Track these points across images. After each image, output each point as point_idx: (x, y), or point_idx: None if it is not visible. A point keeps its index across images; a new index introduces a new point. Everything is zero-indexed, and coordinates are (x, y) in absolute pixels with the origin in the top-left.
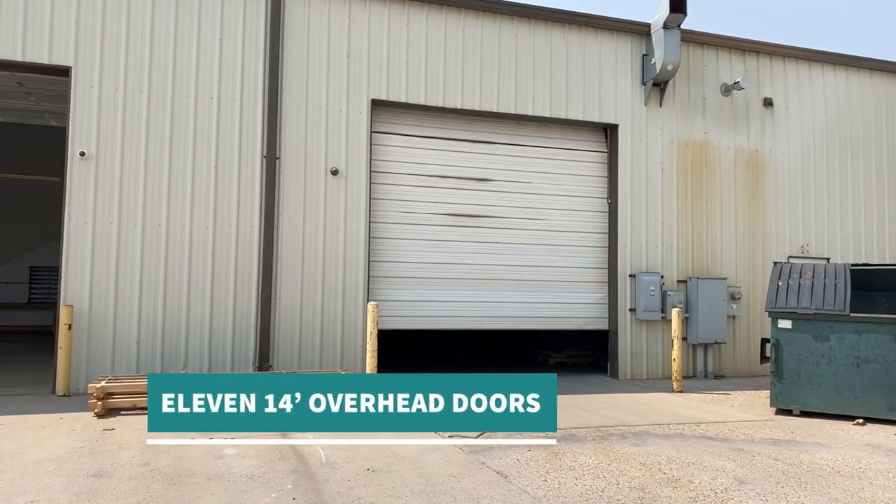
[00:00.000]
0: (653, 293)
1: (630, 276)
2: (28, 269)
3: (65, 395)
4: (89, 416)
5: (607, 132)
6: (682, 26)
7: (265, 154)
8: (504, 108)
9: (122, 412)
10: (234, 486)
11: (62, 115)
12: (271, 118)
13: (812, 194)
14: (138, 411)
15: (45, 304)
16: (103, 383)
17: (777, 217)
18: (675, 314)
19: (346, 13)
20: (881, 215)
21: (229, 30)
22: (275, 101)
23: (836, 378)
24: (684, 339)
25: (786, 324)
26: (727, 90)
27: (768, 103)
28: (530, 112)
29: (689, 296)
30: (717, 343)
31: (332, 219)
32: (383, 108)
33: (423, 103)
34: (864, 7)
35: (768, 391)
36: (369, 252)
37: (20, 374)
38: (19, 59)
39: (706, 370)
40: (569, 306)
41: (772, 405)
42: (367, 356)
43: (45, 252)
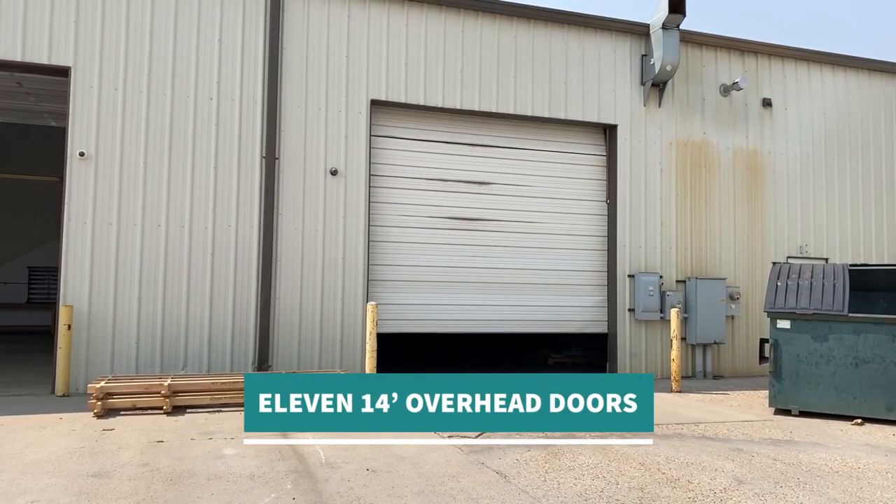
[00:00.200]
0: (652, 293)
1: (629, 276)
2: (27, 269)
3: (64, 396)
4: (89, 417)
5: (606, 133)
6: (681, 27)
7: (264, 154)
8: (503, 109)
9: (122, 412)
10: (234, 486)
11: (61, 115)
12: (271, 118)
13: (811, 195)
14: (138, 411)
15: (44, 305)
16: (103, 383)
17: (776, 217)
18: (673, 314)
19: (345, 13)
20: (879, 216)
21: (229, 30)
22: (274, 101)
23: (834, 378)
24: (683, 339)
25: (784, 324)
26: (726, 91)
27: (767, 104)
28: (529, 112)
29: (688, 296)
30: (715, 343)
31: (332, 219)
32: (383, 110)
33: (423, 104)
34: (864, 7)
35: (767, 391)
36: (369, 252)
37: (19, 374)
38: (19, 59)
39: (705, 370)
40: (568, 309)
41: (770, 405)
42: (367, 356)
43: (45, 252)
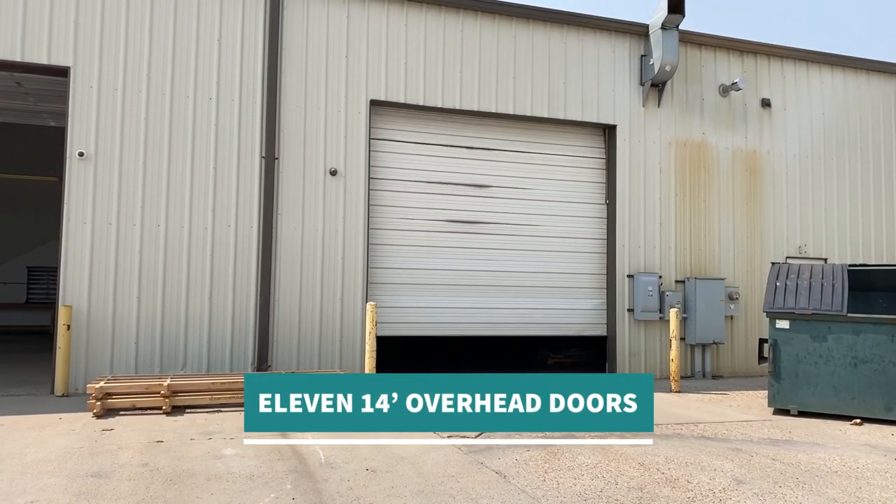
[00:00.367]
0: (651, 293)
1: (628, 276)
2: (26, 269)
3: (63, 396)
4: (88, 417)
5: (606, 133)
6: (680, 27)
7: (264, 154)
8: (503, 109)
9: (122, 412)
10: (234, 486)
11: (61, 115)
12: (270, 118)
13: (810, 195)
14: (137, 411)
15: (43, 305)
16: (102, 384)
17: (775, 217)
18: (673, 314)
19: (344, 13)
20: (878, 216)
21: (228, 30)
22: (273, 101)
23: (833, 378)
24: (682, 339)
25: (783, 324)
26: (725, 91)
27: (766, 104)
28: (529, 112)
29: (688, 296)
30: (714, 343)
31: (331, 219)
32: (382, 112)
33: (422, 104)
34: (866, 7)
35: (766, 391)
36: (368, 252)
37: (19, 374)
38: (18, 59)
39: (704, 370)
40: (568, 312)
41: (769, 405)
42: (367, 356)
43: (43, 252)
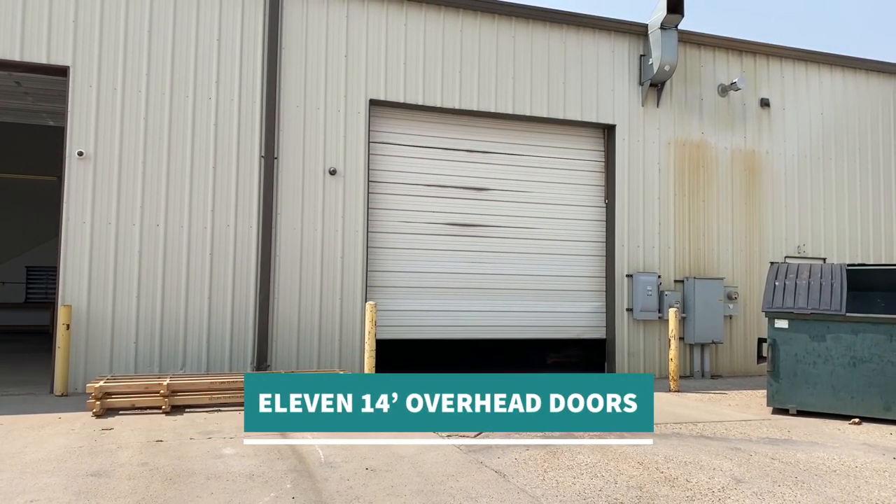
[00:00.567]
0: (650, 293)
1: (627, 276)
2: (25, 268)
3: (63, 395)
4: (88, 416)
5: (605, 133)
6: (679, 27)
7: (263, 154)
8: (502, 109)
9: (121, 412)
10: (234, 485)
11: (60, 114)
12: (269, 118)
13: (808, 195)
14: (137, 411)
15: (42, 304)
16: (102, 383)
17: (773, 217)
18: (672, 314)
19: (343, 13)
20: (877, 215)
21: (227, 30)
22: (273, 101)
23: (832, 378)
24: (681, 338)
25: (782, 324)
26: (724, 91)
27: (765, 104)
28: (528, 112)
29: (686, 296)
30: (713, 343)
31: (331, 218)
32: (382, 114)
33: (421, 103)
34: (866, 7)
35: (765, 391)
36: (367, 252)
37: (18, 373)
38: (17, 58)
39: (703, 370)
40: (567, 315)
41: (768, 405)
42: (366, 356)
43: (42, 252)
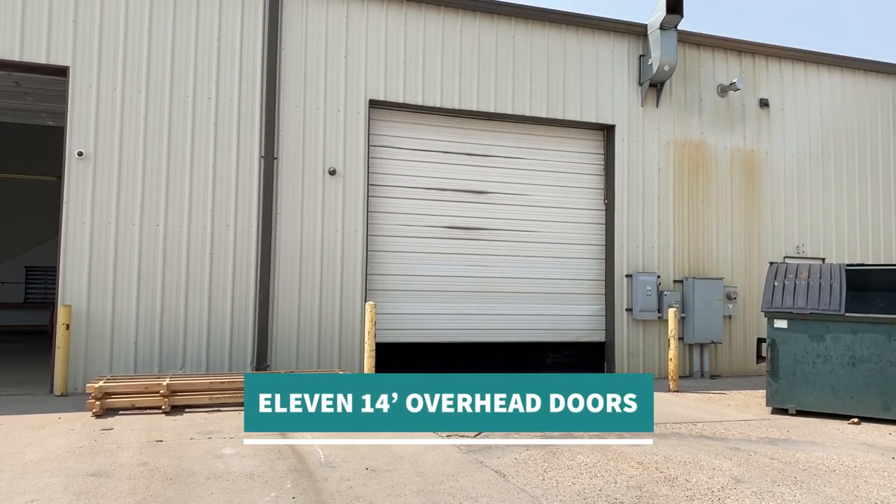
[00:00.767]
0: (649, 293)
1: (627, 276)
2: (24, 268)
3: (63, 395)
4: (87, 416)
5: (604, 134)
6: (678, 27)
7: (263, 154)
8: (501, 109)
9: (121, 412)
10: (234, 485)
11: (59, 114)
12: (269, 118)
13: (807, 195)
14: (137, 411)
15: (42, 304)
16: (101, 383)
17: (773, 217)
18: (671, 314)
19: (343, 13)
20: (876, 216)
21: (227, 30)
22: (273, 101)
23: (831, 377)
24: (681, 338)
25: (782, 324)
26: (723, 91)
27: (764, 104)
28: (527, 112)
29: (686, 296)
30: (713, 343)
31: (330, 218)
32: (381, 117)
33: (421, 103)
34: (865, 7)
35: (764, 391)
36: (367, 252)
37: (17, 373)
38: (17, 58)
39: (702, 370)
40: (567, 318)
41: (768, 404)
42: (366, 356)
43: (42, 252)
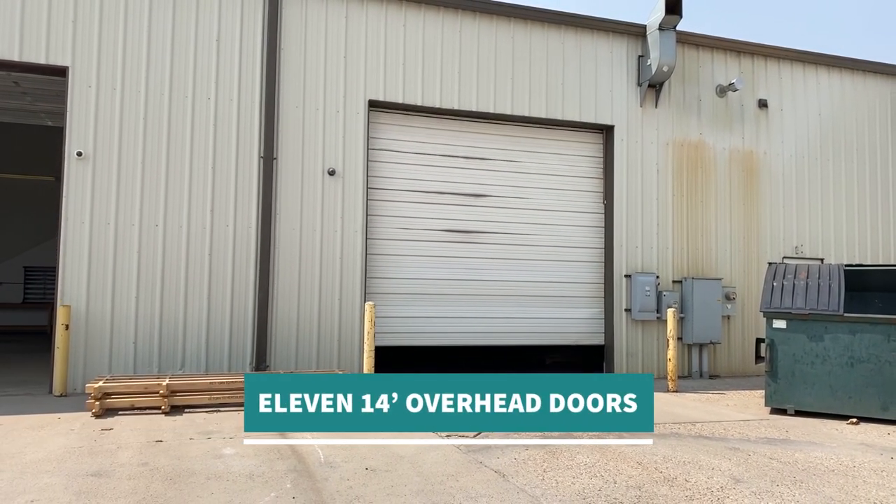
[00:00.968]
0: (648, 293)
1: (626, 276)
2: (23, 269)
3: (62, 396)
4: (87, 416)
5: (604, 134)
6: (677, 28)
7: (262, 154)
8: (501, 109)
9: (120, 412)
10: (234, 485)
11: (58, 114)
12: (268, 119)
13: (806, 195)
14: (136, 411)
15: (40, 305)
16: (101, 383)
17: (771, 218)
18: (670, 314)
19: (343, 14)
20: (874, 216)
21: (227, 30)
22: (272, 101)
23: (830, 378)
24: (679, 339)
25: (780, 324)
26: (722, 91)
27: (763, 105)
28: (527, 113)
29: (685, 296)
30: (712, 343)
31: (330, 219)
32: (380, 119)
33: (420, 104)
34: (864, 8)
35: (763, 391)
36: (366, 253)
37: (16, 374)
38: (16, 58)
39: (701, 370)
40: (566, 321)
41: (766, 405)
42: (365, 356)
43: (40, 252)
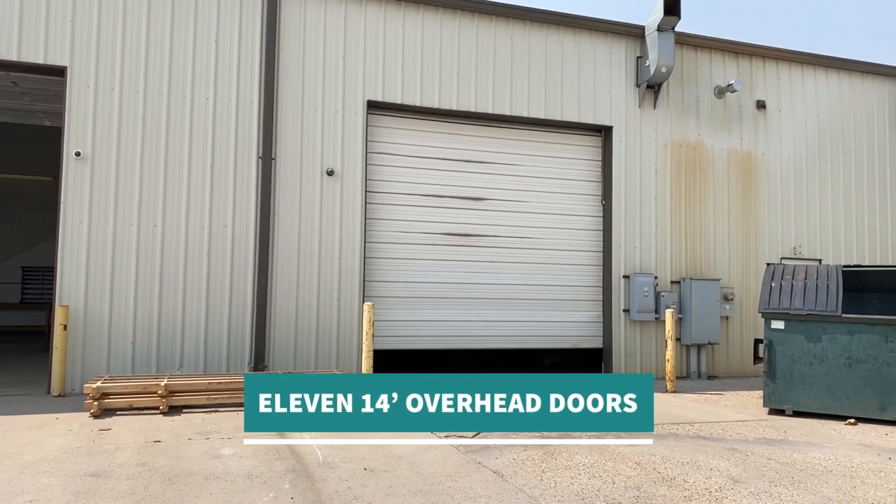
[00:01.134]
0: (647, 294)
1: (624, 277)
2: (21, 269)
3: (60, 396)
4: (85, 417)
5: (602, 135)
6: (675, 29)
7: (261, 154)
8: (499, 110)
9: (118, 412)
10: (232, 485)
11: (56, 114)
12: (267, 119)
13: (804, 196)
14: (134, 412)
15: (38, 305)
16: (99, 383)
17: (770, 218)
18: (668, 315)
19: (341, 14)
20: (872, 217)
21: (225, 30)
22: (271, 101)
23: (828, 378)
24: (678, 339)
25: (778, 324)
26: (720, 92)
27: (761, 106)
28: (525, 113)
29: (683, 296)
30: (710, 343)
31: (328, 219)
32: (379, 122)
33: (419, 104)
34: (864, 8)
35: (761, 391)
36: (365, 252)
37: (14, 374)
38: (14, 58)
39: (699, 370)
40: (565, 325)
41: (765, 405)
42: (364, 357)
43: (38, 252)
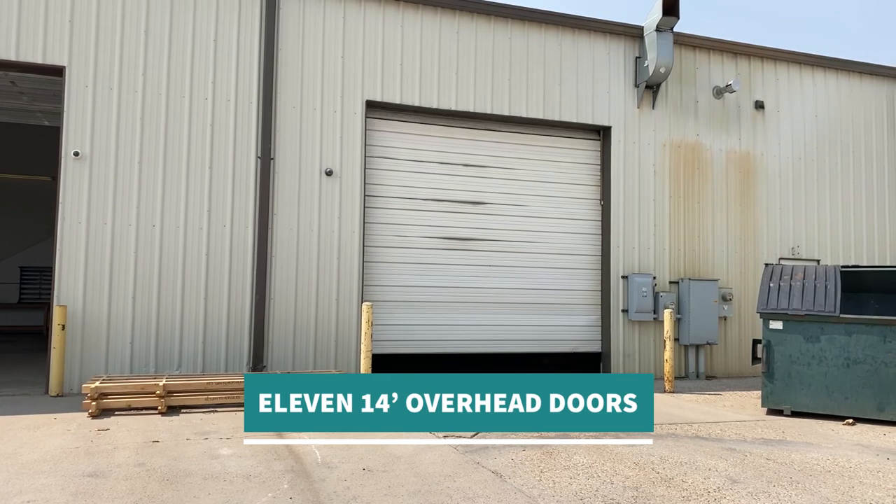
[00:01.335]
0: (645, 294)
1: (623, 277)
2: (19, 269)
3: (58, 396)
4: (83, 417)
5: (601, 135)
6: (674, 29)
7: (259, 154)
8: (498, 110)
9: (117, 412)
10: (231, 485)
11: (55, 114)
12: (266, 118)
13: (802, 196)
14: (133, 412)
15: (36, 305)
16: (97, 384)
17: (768, 219)
18: (667, 315)
19: (340, 14)
20: (870, 217)
21: (224, 30)
22: (269, 101)
23: (826, 378)
24: (676, 339)
25: (777, 325)
26: (719, 93)
27: (759, 106)
28: (524, 114)
29: (681, 297)
30: (708, 344)
31: (327, 219)
32: (378, 126)
33: (418, 104)
34: (863, 9)
35: (759, 392)
36: (364, 253)
37: (12, 374)
38: (13, 58)
39: (698, 371)
40: (563, 329)
41: (763, 405)
42: (362, 356)
43: (36, 252)
